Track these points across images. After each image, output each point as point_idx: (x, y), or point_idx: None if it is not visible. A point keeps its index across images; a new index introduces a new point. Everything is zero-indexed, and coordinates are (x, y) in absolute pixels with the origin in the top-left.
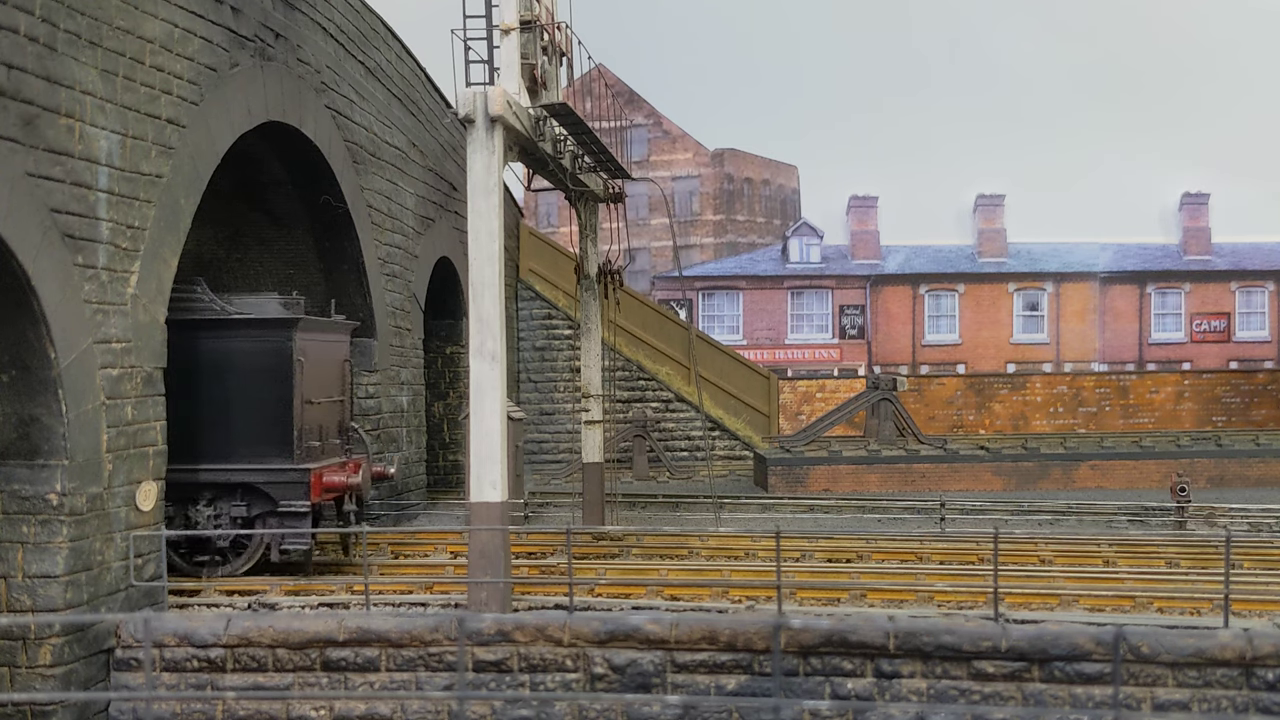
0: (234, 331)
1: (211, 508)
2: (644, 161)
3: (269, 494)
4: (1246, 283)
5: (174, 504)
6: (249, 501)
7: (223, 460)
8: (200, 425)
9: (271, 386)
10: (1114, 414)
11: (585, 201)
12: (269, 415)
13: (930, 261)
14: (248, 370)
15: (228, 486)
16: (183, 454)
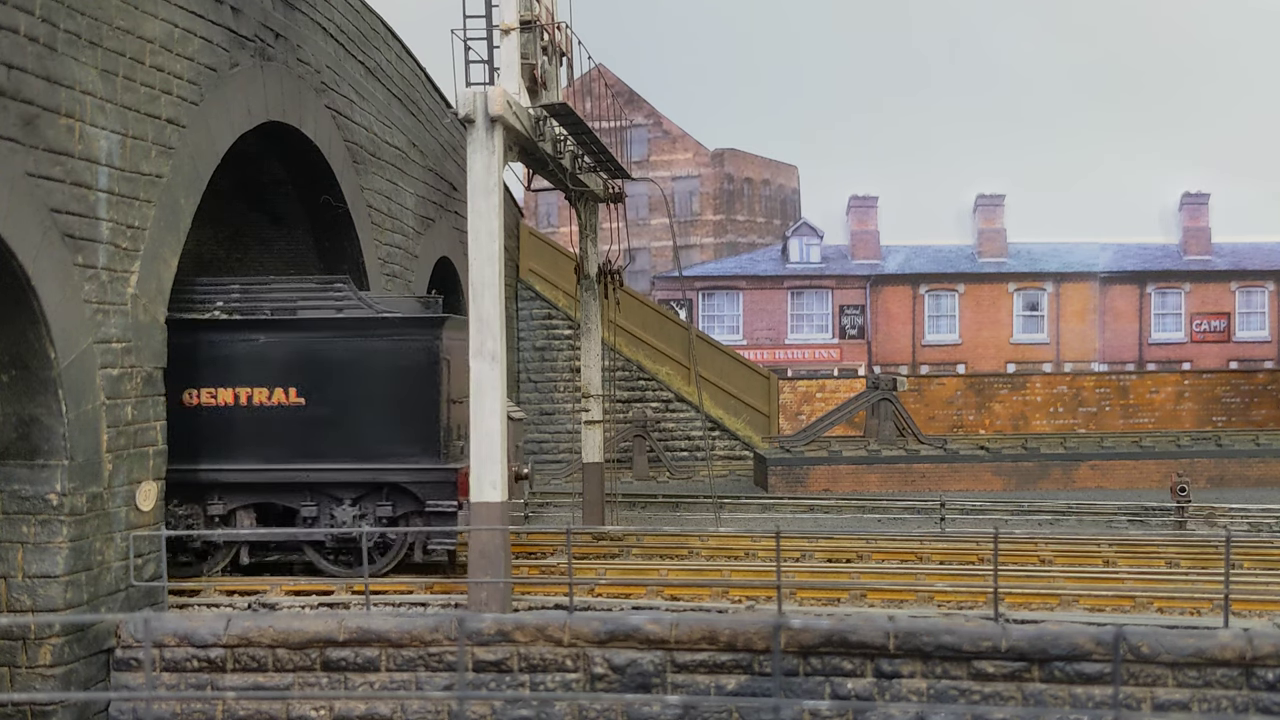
0: (381, 331)
1: (356, 507)
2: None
3: (416, 494)
4: (1246, 283)
5: (319, 503)
6: (394, 501)
7: (369, 460)
8: (345, 424)
9: (419, 386)
10: (1114, 414)
11: (585, 201)
12: (416, 415)
13: (930, 261)
14: (395, 369)
15: (374, 486)
16: (328, 453)
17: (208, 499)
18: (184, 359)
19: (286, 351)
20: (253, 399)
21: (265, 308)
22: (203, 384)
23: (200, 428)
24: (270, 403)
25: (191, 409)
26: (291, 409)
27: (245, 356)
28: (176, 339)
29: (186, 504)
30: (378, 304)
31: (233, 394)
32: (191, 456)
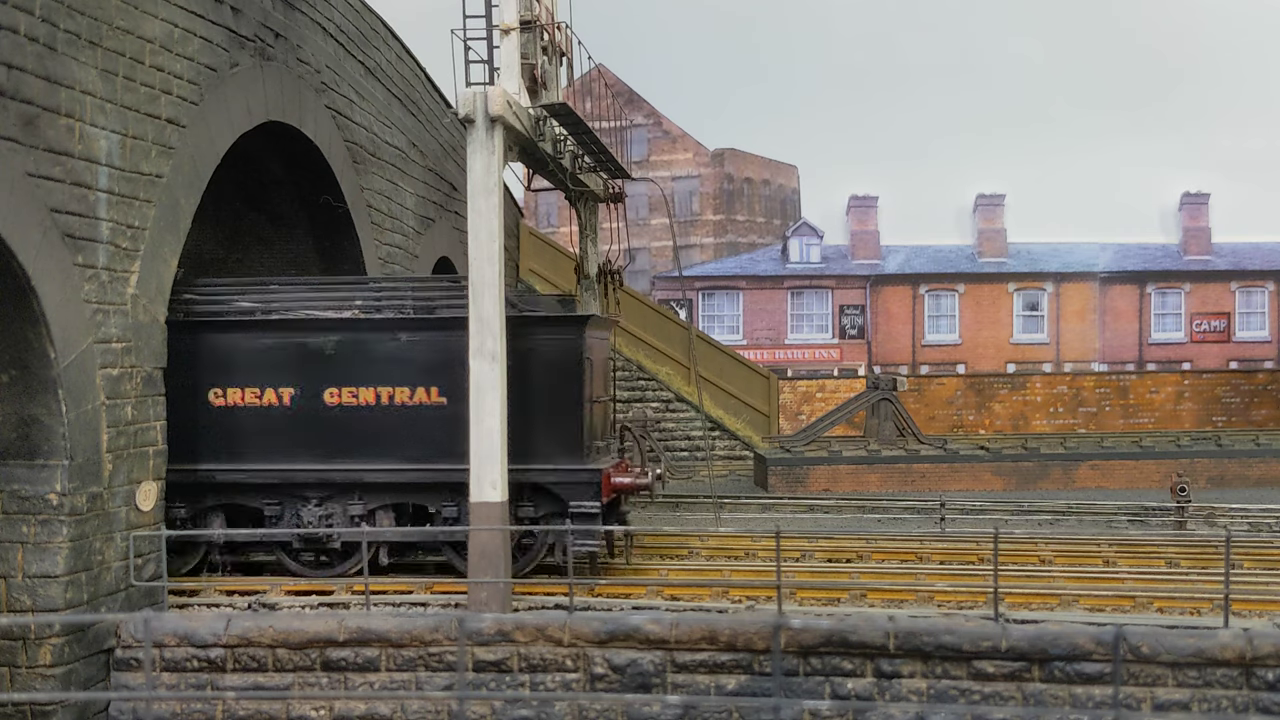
0: (524, 329)
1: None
2: (644, 161)
3: (558, 494)
4: (1246, 283)
5: (458, 503)
6: (536, 502)
7: (511, 460)
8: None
9: (562, 385)
10: (1114, 414)
11: (585, 201)
12: (559, 415)
13: (930, 261)
14: (537, 368)
15: (516, 487)
16: (466, 452)
17: (348, 499)
18: (322, 357)
19: (428, 350)
20: (394, 398)
21: (406, 306)
22: (343, 383)
23: (340, 427)
24: (411, 402)
25: (332, 408)
26: (433, 408)
27: (386, 355)
28: (314, 338)
29: (327, 503)
30: (520, 302)
31: (374, 393)
32: (332, 456)
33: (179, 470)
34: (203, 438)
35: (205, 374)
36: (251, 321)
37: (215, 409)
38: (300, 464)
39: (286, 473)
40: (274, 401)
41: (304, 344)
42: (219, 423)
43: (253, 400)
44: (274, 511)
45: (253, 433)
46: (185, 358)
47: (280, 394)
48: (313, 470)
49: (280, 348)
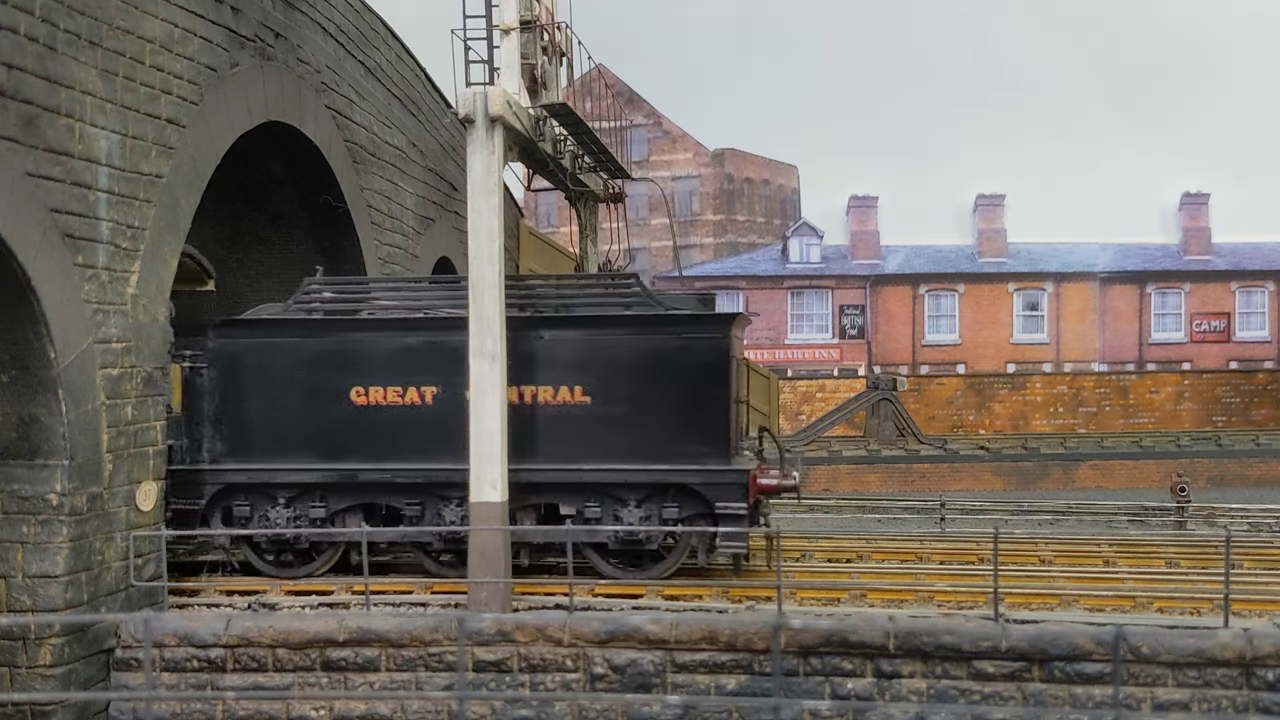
0: (671, 328)
1: (642, 508)
2: (644, 161)
3: (704, 495)
4: (1246, 283)
5: (600, 504)
6: (681, 503)
7: (657, 460)
8: (633, 424)
9: (709, 385)
10: (1114, 414)
11: (585, 201)
12: (706, 415)
13: (930, 261)
14: (684, 368)
15: (660, 487)
16: (615, 453)
17: None
18: (464, 356)
19: (573, 349)
20: (538, 397)
21: (551, 304)
22: None
23: None
24: (555, 401)
25: None
26: (578, 408)
27: (529, 354)
28: (456, 336)
29: (467, 503)
30: (666, 300)
31: (516, 392)
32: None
33: (322, 469)
34: (346, 437)
35: (347, 373)
36: (393, 320)
37: (358, 408)
38: (442, 463)
39: (429, 472)
40: (416, 400)
41: (447, 342)
42: (361, 421)
43: (394, 399)
44: (414, 511)
45: (395, 432)
46: (327, 356)
47: (423, 393)
48: (455, 470)
49: (423, 346)
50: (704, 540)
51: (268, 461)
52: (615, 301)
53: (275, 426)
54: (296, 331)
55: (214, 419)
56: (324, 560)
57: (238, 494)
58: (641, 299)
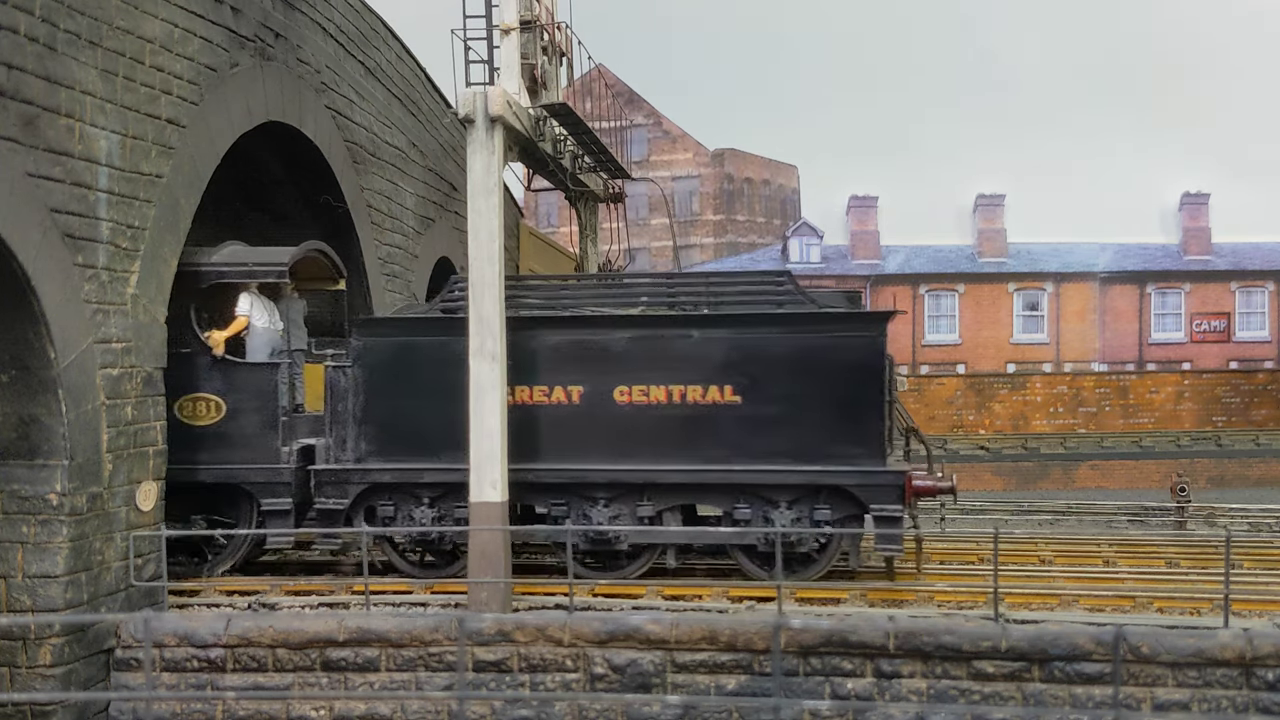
0: (824, 326)
1: (793, 510)
2: (644, 161)
3: (858, 497)
4: (1246, 283)
5: (752, 505)
6: (833, 505)
7: (809, 461)
8: (785, 424)
9: (863, 384)
10: (1114, 414)
11: (585, 201)
12: (860, 415)
13: (930, 261)
14: (837, 367)
15: (811, 489)
16: (766, 454)
17: (637, 500)
18: (612, 355)
19: (723, 348)
20: (686, 396)
21: (698, 303)
22: (634, 381)
23: (631, 426)
24: (704, 400)
25: (623, 407)
26: (727, 407)
27: (678, 353)
28: (604, 335)
29: (614, 504)
30: (819, 298)
31: (665, 391)
32: (622, 455)
33: (467, 469)
34: None
35: None
36: (540, 319)
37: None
38: (590, 463)
39: (577, 472)
40: (563, 400)
41: (594, 341)
42: (508, 421)
43: (541, 399)
44: (560, 511)
45: (543, 431)
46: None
47: (570, 392)
48: (603, 470)
49: (570, 345)
50: (854, 542)
51: (413, 461)
52: (766, 299)
53: (420, 426)
54: (441, 330)
55: (358, 418)
56: (463, 563)
57: (382, 493)
58: (794, 297)
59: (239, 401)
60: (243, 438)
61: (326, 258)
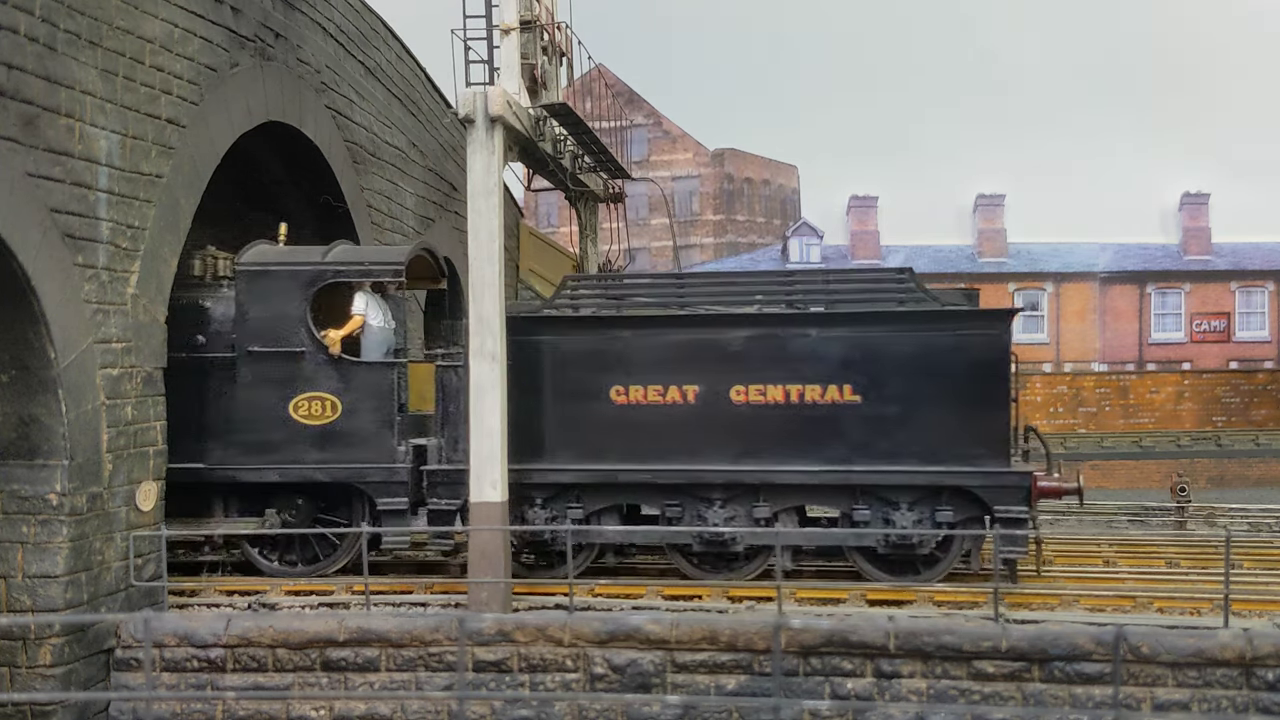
0: (946, 324)
1: (914, 511)
2: (644, 161)
3: (982, 499)
4: (1246, 283)
5: (871, 507)
6: (955, 506)
7: (931, 462)
8: (906, 424)
9: (987, 383)
10: (1114, 414)
11: (585, 201)
12: (983, 414)
13: (930, 261)
14: (960, 365)
15: (932, 490)
16: (886, 454)
17: (753, 501)
18: (729, 354)
19: (843, 346)
20: (804, 396)
21: (818, 300)
22: (750, 380)
23: (748, 426)
24: (824, 400)
25: (739, 407)
26: (847, 407)
27: (796, 352)
28: (720, 333)
29: (730, 505)
30: (941, 296)
31: (783, 391)
32: (739, 456)
33: (581, 469)
34: (605, 436)
35: (606, 371)
36: (654, 317)
37: (617, 407)
38: (706, 464)
39: (692, 473)
40: (678, 399)
41: (710, 340)
42: (621, 421)
43: (655, 398)
44: (674, 512)
45: (656, 431)
46: (586, 355)
47: (684, 391)
48: (719, 471)
49: (684, 344)
50: (976, 544)
51: (525, 461)
52: (887, 297)
53: (532, 425)
54: (554, 329)
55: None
56: (580, 562)
57: None
58: (915, 294)
59: (355, 401)
60: (359, 437)
61: (431, 256)
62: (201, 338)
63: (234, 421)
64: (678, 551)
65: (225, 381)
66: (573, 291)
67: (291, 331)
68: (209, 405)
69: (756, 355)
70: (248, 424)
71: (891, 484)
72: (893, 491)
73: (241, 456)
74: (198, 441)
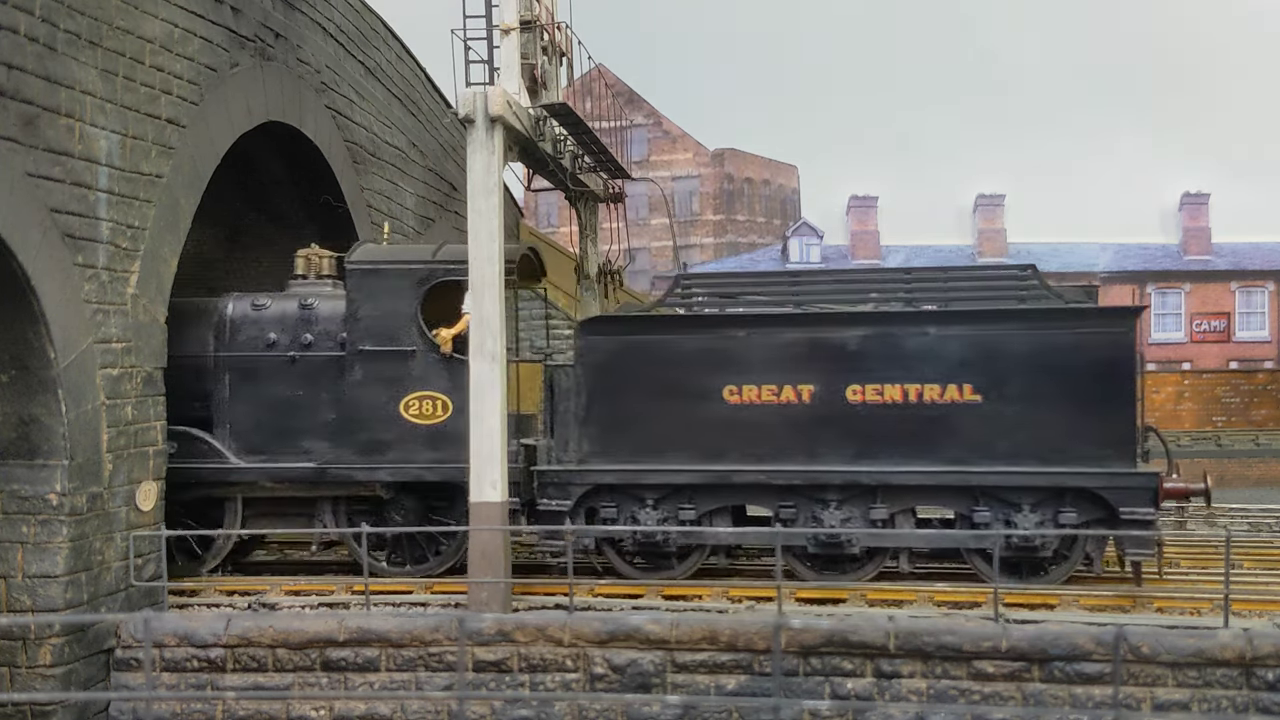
0: (1070, 322)
1: (1037, 513)
2: (644, 161)
3: (1108, 500)
4: (1246, 283)
5: (992, 508)
6: (1078, 508)
7: (1054, 462)
8: (1028, 424)
9: (1112, 382)
10: None
11: (585, 201)
12: (1109, 414)
13: (930, 261)
14: (1085, 364)
15: (1055, 491)
16: (1008, 455)
17: (869, 502)
18: (844, 353)
19: (963, 345)
20: (923, 395)
21: (937, 299)
22: (867, 380)
23: (864, 426)
24: (943, 400)
25: (855, 406)
26: (966, 407)
27: (914, 351)
28: (836, 332)
29: (845, 506)
30: (1065, 294)
31: (900, 390)
32: (856, 457)
33: (695, 470)
34: (718, 437)
35: (719, 371)
36: (767, 316)
37: (731, 407)
38: (823, 465)
39: (808, 474)
40: (792, 399)
41: (825, 338)
42: (734, 421)
43: (769, 398)
44: (789, 514)
45: (770, 432)
46: (699, 354)
47: (799, 391)
48: (836, 471)
49: (799, 343)
50: (1099, 546)
51: (637, 462)
52: (1009, 294)
53: (644, 426)
54: (667, 329)
55: (581, 419)
56: (690, 564)
57: (604, 495)
58: (1038, 292)
59: (466, 400)
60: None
61: (534, 255)
62: (309, 336)
63: (344, 421)
64: (791, 553)
65: (335, 381)
66: (684, 290)
67: (403, 330)
68: (318, 405)
69: (873, 354)
70: (358, 423)
71: (1013, 485)
72: (1014, 493)
73: (352, 456)
74: (307, 440)
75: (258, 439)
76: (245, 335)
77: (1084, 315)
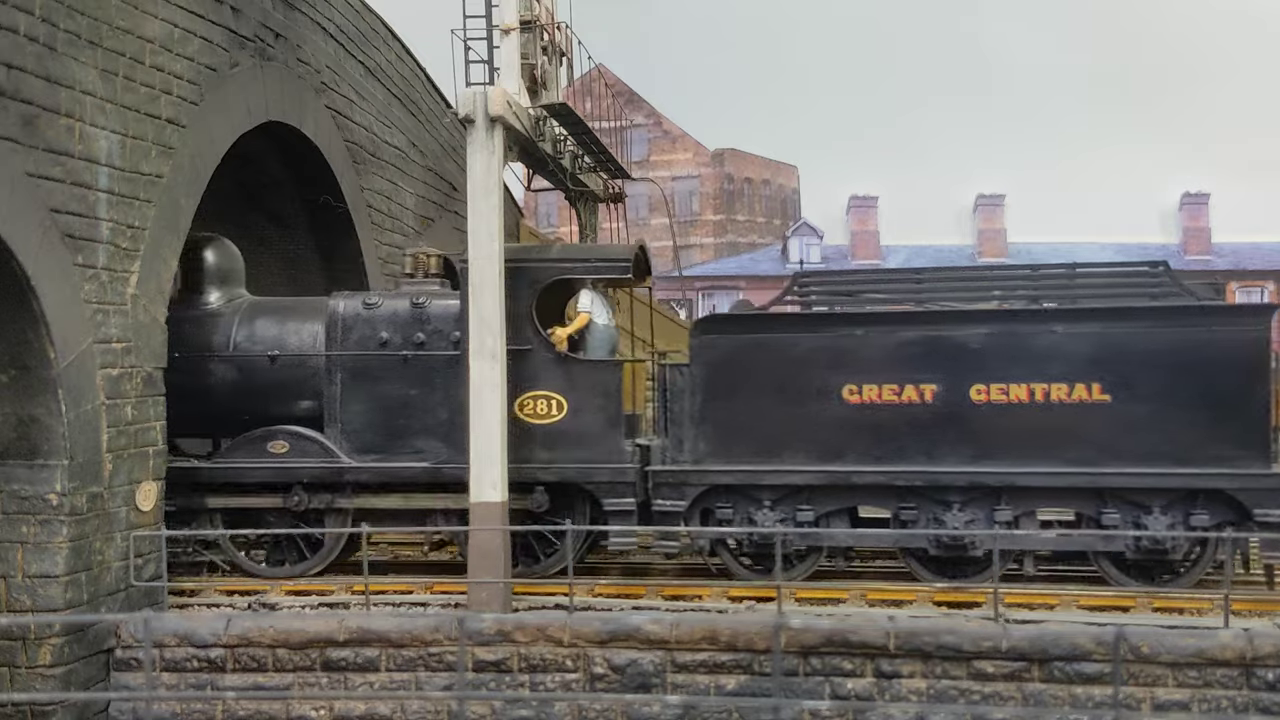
0: (1203, 320)
1: (1167, 515)
2: (644, 161)
3: (1241, 502)
4: (1246, 283)
5: (1121, 510)
6: (1209, 510)
7: (1185, 463)
8: (1158, 424)
9: (1246, 382)
10: None
11: (585, 201)
12: (1242, 414)
13: (931, 261)
14: (1217, 363)
15: (1186, 493)
16: (1138, 456)
17: (993, 504)
18: (967, 352)
19: (1091, 343)
20: (1049, 395)
21: (1062, 296)
22: (992, 379)
23: (989, 426)
24: (1070, 399)
25: (979, 406)
26: (1095, 407)
27: (1040, 349)
28: (959, 331)
29: (969, 508)
30: (1199, 291)
31: (1027, 390)
32: (979, 457)
33: (813, 471)
34: (837, 437)
35: (839, 370)
36: (889, 314)
37: (850, 407)
38: (945, 465)
39: (930, 474)
40: (914, 399)
41: (948, 337)
42: (854, 421)
43: (890, 397)
44: (910, 516)
45: (891, 432)
46: (817, 353)
47: (921, 390)
48: (960, 472)
49: (921, 341)
50: (1233, 548)
51: (753, 462)
52: (1139, 292)
53: (761, 426)
54: (784, 327)
55: (696, 419)
56: (808, 566)
57: (719, 495)
58: (1170, 289)
59: (581, 400)
60: (586, 436)
61: (643, 253)
62: (421, 335)
63: (459, 421)
64: (911, 555)
65: (449, 380)
66: (802, 289)
67: (517, 329)
68: (432, 404)
69: (998, 353)
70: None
71: (1143, 486)
72: (1144, 494)
73: (466, 456)
74: (420, 440)
75: (370, 438)
76: (358, 334)
77: (1219, 313)
